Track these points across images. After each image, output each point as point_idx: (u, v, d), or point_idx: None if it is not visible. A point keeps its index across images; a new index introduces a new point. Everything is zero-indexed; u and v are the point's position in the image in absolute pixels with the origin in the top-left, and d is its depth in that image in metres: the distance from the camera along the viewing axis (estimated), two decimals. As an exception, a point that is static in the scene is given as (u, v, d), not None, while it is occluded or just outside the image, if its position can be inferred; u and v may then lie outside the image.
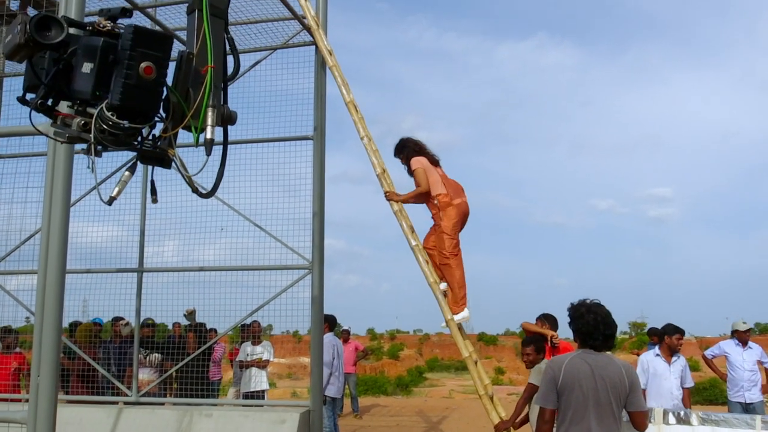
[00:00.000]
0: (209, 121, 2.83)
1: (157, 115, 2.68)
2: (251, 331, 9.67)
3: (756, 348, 9.18)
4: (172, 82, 2.74)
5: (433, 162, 6.81)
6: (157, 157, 2.79)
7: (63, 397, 7.89)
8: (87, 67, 2.47)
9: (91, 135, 2.51)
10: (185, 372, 7.96)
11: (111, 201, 2.75)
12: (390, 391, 24.86)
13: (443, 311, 6.46)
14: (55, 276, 4.07)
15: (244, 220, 7.61)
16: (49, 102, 2.56)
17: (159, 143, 2.77)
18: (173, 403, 7.97)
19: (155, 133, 2.76)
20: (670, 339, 7.81)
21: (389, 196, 6.71)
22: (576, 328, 4.21)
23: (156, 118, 2.69)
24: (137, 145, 2.69)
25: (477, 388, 6.30)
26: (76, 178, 4.33)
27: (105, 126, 2.50)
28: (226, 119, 2.99)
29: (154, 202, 3.14)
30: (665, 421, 6.69)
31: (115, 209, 7.97)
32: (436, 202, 6.57)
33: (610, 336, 4.18)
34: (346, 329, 13.57)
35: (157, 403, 7.99)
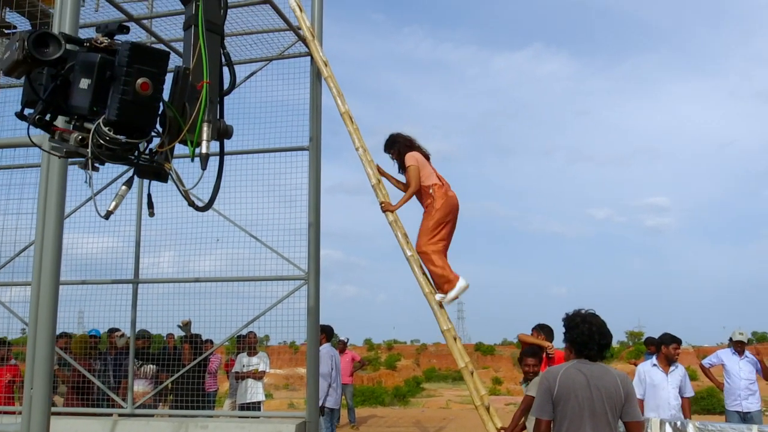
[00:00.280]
0: (205, 136, 2.85)
1: (154, 130, 2.71)
2: (247, 342, 9.64)
3: (751, 357, 9.15)
4: (169, 97, 2.76)
5: (426, 156, 6.84)
6: (154, 172, 2.83)
7: (57, 409, 7.84)
8: (84, 82, 2.51)
9: (88, 150, 2.54)
10: (181, 383, 7.93)
11: (108, 215, 2.78)
12: (387, 402, 24.82)
13: (439, 322, 6.44)
14: (48, 288, 4.06)
15: (240, 231, 7.60)
16: (47, 117, 2.58)
17: (156, 157, 2.80)
18: (169, 415, 7.93)
19: (152, 147, 2.79)
20: (666, 348, 7.81)
21: (385, 207, 6.71)
22: (571, 338, 4.21)
23: (153, 133, 2.71)
24: (134, 160, 2.73)
25: (473, 399, 6.28)
26: (71, 190, 4.34)
27: (102, 141, 2.53)
28: (222, 133, 3.02)
29: (151, 215, 3.17)
30: (662, 431, 6.69)
31: (111, 220, 7.87)
32: (431, 191, 6.56)
33: (605, 346, 4.18)
34: (343, 340, 13.53)
35: (153, 415, 7.96)
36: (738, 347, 9.11)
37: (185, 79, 2.82)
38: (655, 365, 7.82)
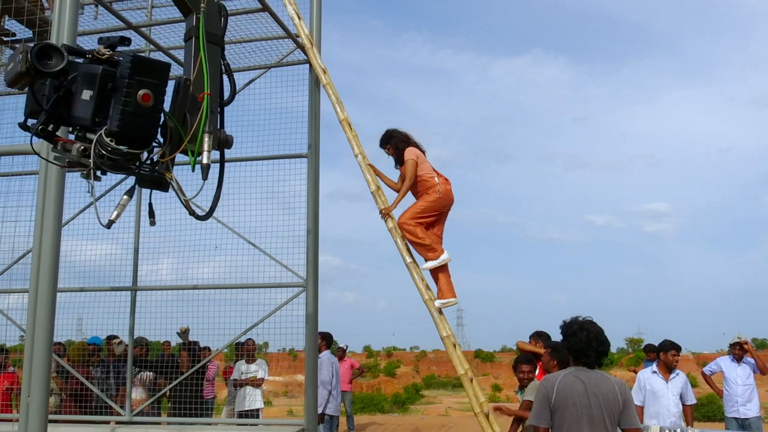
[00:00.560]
0: (206, 146, 2.90)
1: (155, 140, 2.75)
2: (246, 350, 9.62)
3: (750, 362, 9.11)
4: (170, 108, 2.81)
5: (422, 152, 6.88)
6: (155, 181, 2.86)
7: (55, 416, 7.82)
8: (87, 94, 2.54)
9: (90, 160, 2.58)
10: (179, 391, 7.91)
11: (110, 224, 2.81)
12: (386, 409, 24.76)
13: (438, 329, 6.43)
14: (45, 296, 4.05)
15: (239, 238, 7.61)
16: (50, 127, 2.62)
17: (157, 167, 2.84)
18: (167, 423, 7.91)
19: (153, 157, 2.82)
20: (665, 355, 7.80)
21: (384, 212, 6.72)
22: (569, 345, 4.21)
23: (154, 143, 2.76)
24: (135, 170, 2.77)
25: (473, 406, 6.27)
26: (69, 197, 4.34)
27: (104, 151, 2.57)
28: (223, 143, 3.06)
29: (152, 224, 3.21)
30: (661, 438, 6.67)
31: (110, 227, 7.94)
32: (429, 184, 6.61)
33: (603, 353, 4.19)
34: (342, 347, 13.51)
35: (151, 423, 7.93)
36: (737, 352, 9.06)
37: (186, 89, 2.87)
38: (655, 372, 7.81)
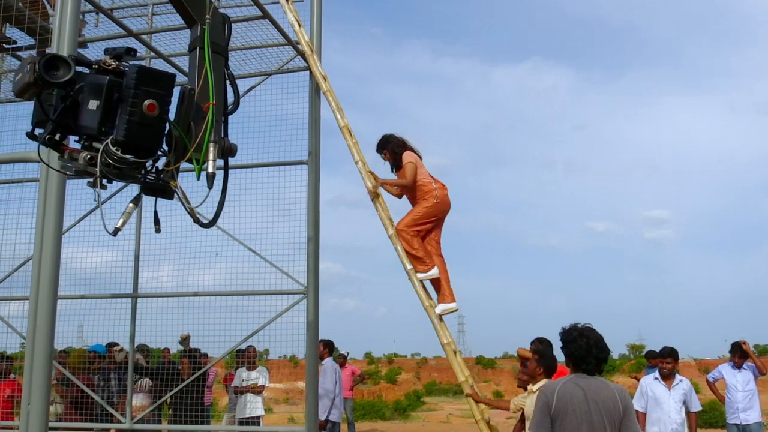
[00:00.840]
0: (211, 156, 2.95)
1: (160, 149, 2.79)
2: (246, 357, 9.62)
3: (751, 367, 9.09)
4: (175, 117, 2.86)
5: (419, 157, 6.93)
6: (160, 189, 2.90)
7: (55, 423, 7.81)
8: (93, 104, 2.58)
9: (97, 169, 2.61)
10: (180, 398, 7.90)
11: (116, 232, 2.86)
12: (388, 416, 24.71)
13: (439, 336, 6.43)
14: (46, 303, 4.05)
15: (239, 245, 7.61)
16: (57, 137, 2.66)
17: (162, 176, 2.88)
18: (168, 430, 7.90)
19: (158, 166, 2.86)
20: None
21: (374, 188, 6.77)
22: (569, 352, 4.19)
23: (159, 152, 2.79)
24: (141, 178, 2.80)
25: (473, 413, 6.27)
26: (70, 204, 4.35)
27: (110, 160, 2.60)
28: (227, 152, 3.12)
29: (158, 231, 3.25)
30: (663, 445, 6.65)
31: (110, 234, 7.95)
32: (433, 188, 6.66)
33: (603, 360, 4.17)
34: (343, 354, 13.50)
35: (151, 430, 7.92)
36: (737, 360, 9.04)
37: (191, 99, 2.91)
38: (656, 379, 7.79)
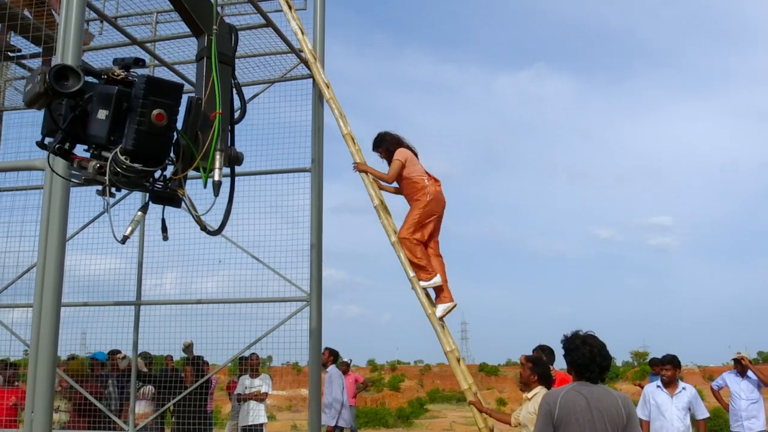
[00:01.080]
0: (218, 164, 2.97)
1: (168, 158, 2.82)
2: (249, 364, 9.60)
3: (753, 377, 9.02)
4: (182, 126, 2.88)
5: (414, 154, 6.91)
6: (168, 197, 2.93)
7: (58, 431, 7.80)
8: (102, 113, 2.62)
9: (106, 177, 2.65)
10: (183, 406, 7.89)
11: (125, 240, 2.88)
12: (391, 423, 24.62)
13: (442, 343, 6.42)
14: (50, 310, 4.06)
15: (242, 252, 7.61)
16: (67, 146, 2.69)
17: (170, 184, 2.91)
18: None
19: (166, 174, 2.89)
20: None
21: (359, 167, 6.83)
22: (571, 360, 4.16)
23: (167, 161, 2.82)
24: (149, 186, 2.84)
25: (477, 421, 6.25)
26: (74, 211, 4.36)
27: (119, 169, 2.64)
28: (233, 160, 3.14)
29: (165, 239, 3.27)
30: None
31: (114, 242, 7.95)
32: (425, 185, 6.65)
33: (605, 368, 4.14)
34: (346, 361, 13.47)
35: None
36: (739, 368, 9.00)
37: (198, 108, 2.94)
38: (659, 386, 7.76)
